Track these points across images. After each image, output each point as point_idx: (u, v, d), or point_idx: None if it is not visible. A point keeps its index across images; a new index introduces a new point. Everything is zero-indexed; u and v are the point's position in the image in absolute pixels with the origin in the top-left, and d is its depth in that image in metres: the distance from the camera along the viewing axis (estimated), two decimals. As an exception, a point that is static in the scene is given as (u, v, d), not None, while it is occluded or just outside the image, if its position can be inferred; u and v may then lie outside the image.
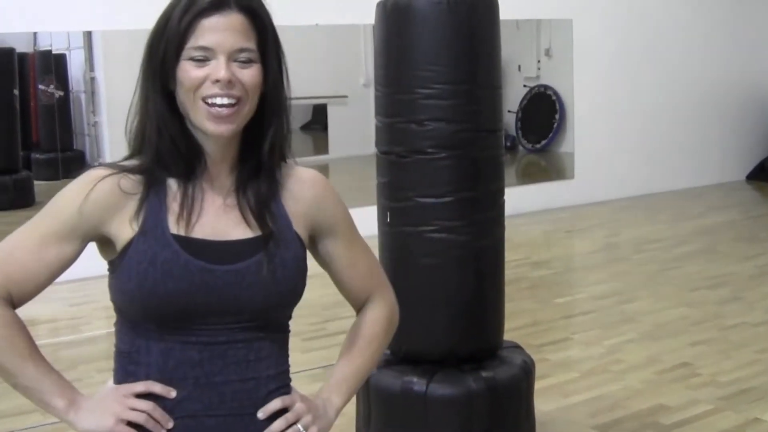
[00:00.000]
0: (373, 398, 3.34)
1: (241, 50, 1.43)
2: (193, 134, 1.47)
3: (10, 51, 7.36)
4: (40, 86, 7.54)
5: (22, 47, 7.44)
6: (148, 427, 1.43)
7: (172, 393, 1.44)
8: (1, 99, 7.42)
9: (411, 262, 3.30)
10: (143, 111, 1.47)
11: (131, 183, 1.45)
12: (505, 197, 3.42)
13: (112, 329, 1.54)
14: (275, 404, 1.50)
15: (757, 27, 10.42)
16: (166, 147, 1.45)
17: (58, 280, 1.51)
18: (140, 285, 1.41)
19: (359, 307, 1.69)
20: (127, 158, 1.50)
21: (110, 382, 1.51)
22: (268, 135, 1.50)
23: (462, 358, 3.33)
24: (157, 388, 1.44)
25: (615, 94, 9.27)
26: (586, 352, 4.86)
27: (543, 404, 3.95)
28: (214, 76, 1.41)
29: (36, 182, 7.46)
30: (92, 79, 7.40)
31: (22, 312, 1.52)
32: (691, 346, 4.90)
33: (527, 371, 3.39)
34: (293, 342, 1.62)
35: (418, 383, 3.24)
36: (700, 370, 4.51)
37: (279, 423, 1.49)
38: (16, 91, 7.44)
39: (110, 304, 1.53)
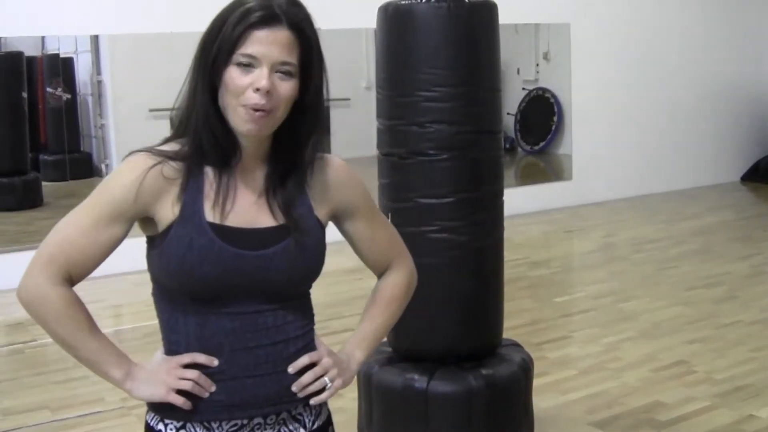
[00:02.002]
0: (374, 395, 3.38)
1: (284, 63, 1.55)
2: (231, 129, 1.59)
3: (18, 54, 7.41)
4: (48, 89, 7.59)
5: (30, 51, 7.49)
6: (195, 392, 1.58)
7: (215, 362, 1.59)
8: (10, 102, 7.48)
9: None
10: (191, 101, 1.59)
11: (173, 170, 1.57)
12: (505, 198, 3.46)
13: (118, 328, 1.66)
14: (303, 360, 1.65)
15: (751, 30, 10.48)
16: (208, 138, 1.58)
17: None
18: (180, 267, 1.55)
19: (380, 274, 1.85)
20: (167, 140, 1.63)
21: (160, 351, 1.65)
22: (309, 140, 1.64)
23: (462, 356, 3.37)
24: (201, 358, 1.59)
25: (612, 96, 9.32)
26: (584, 350, 4.91)
27: (542, 401, 3.99)
28: (256, 85, 1.53)
29: (44, 183, 7.52)
30: (99, 82, 7.44)
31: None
32: (688, 344, 4.94)
33: (526, 369, 3.43)
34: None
35: (419, 381, 3.28)
36: (696, 368, 4.56)
37: (307, 376, 1.65)
38: (24, 94, 7.49)
39: (115, 304, 1.66)
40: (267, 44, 1.54)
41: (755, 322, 5.32)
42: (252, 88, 1.53)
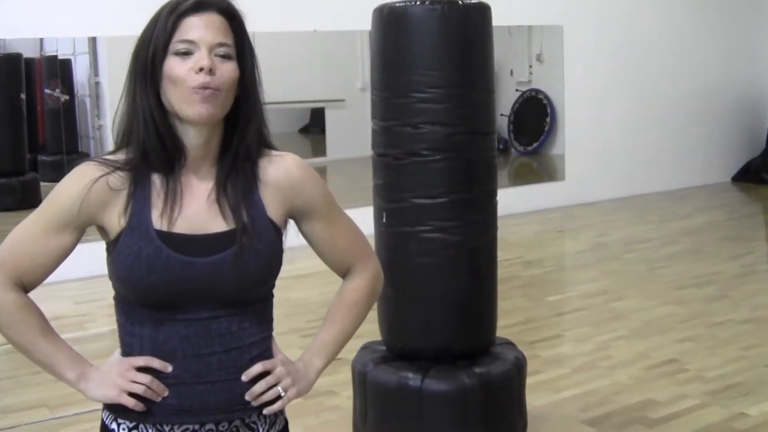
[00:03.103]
0: (369, 394, 3.40)
1: (221, 44, 1.56)
2: (176, 131, 1.58)
3: (17, 56, 7.43)
4: (47, 90, 7.59)
5: (28, 53, 7.51)
6: (147, 396, 1.58)
7: (169, 368, 1.58)
8: (9, 103, 7.50)
9: (407, 262, 3.35)
10: (130, 109, 1.58)
11: (119, 179, 1.57)
12: (498, 198, 3.48)
13: (117, 327, 1.67)
14: (257, 368, 1.62)
15: (742, 32, 10.53)
16: (153, 142, 1.56)
17: (65, 278, 1.65)
18: (129, 275, 1.55)
19: (343, 276, 1.80)
20: (112, 152, 1.62)
21: (117, 352, 1.66)
22: (245, 132, 1.61)
23: (456, 355, 3.39)
24: (155, 363, 1.58)
25: (604, 98, 9.36)
26: (576, 349, 4.94)
27: (535, 399, 4.02)
28: (198, 65, 1.53)
29: (42, 184, 7.52)
30: (97, 83, 7.45)
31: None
32: (679, 342, 4.98)
33: (519, 367, 3.45)
34: (291, 339, 1.73)
35: (413, 379, 3.29)
36: (688, 366, 4.59)
37: (259, 385, 1.62)
38: (23, 96, 7.51)
39: (112, 304, 1.67)
40: (202, 28, 1.55)
41: (746, 321, 5.36)
42: (194, 69, 1.53)
